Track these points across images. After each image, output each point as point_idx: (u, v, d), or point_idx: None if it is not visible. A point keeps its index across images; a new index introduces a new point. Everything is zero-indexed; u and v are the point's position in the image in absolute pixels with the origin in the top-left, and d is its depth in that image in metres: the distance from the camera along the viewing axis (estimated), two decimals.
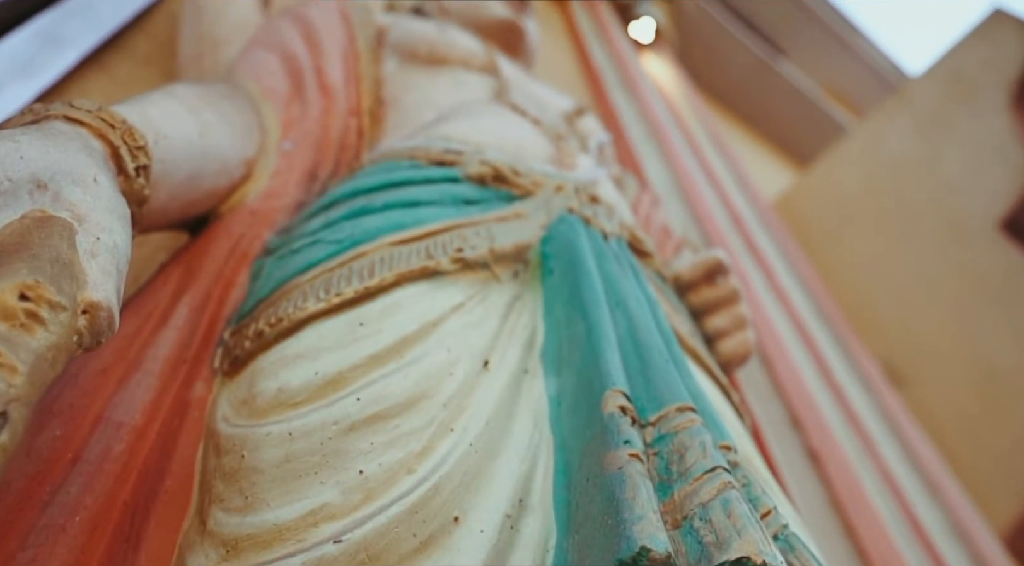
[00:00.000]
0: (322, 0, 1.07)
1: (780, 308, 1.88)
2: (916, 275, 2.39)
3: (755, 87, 4.00)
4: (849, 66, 4.38)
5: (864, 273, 2.56)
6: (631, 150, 2.16)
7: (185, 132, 0.64)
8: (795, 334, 1.82)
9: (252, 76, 0.87)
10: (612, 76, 2.56)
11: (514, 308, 0.64)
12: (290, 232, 0.71)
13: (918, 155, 2.42)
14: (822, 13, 4.10)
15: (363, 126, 0.94)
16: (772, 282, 1.96)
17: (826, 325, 2.03)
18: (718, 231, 1.98)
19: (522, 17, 1.32)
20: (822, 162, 2.88)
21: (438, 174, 0.73)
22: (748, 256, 2.02)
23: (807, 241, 2.75)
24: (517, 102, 0.95)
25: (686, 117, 2.67)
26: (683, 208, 2.03)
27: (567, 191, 0.77)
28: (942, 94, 2.38)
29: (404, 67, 1.02)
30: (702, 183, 2.22)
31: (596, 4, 2.95)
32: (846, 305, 2.50)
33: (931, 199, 2.35)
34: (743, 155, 3.27)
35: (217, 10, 1.01)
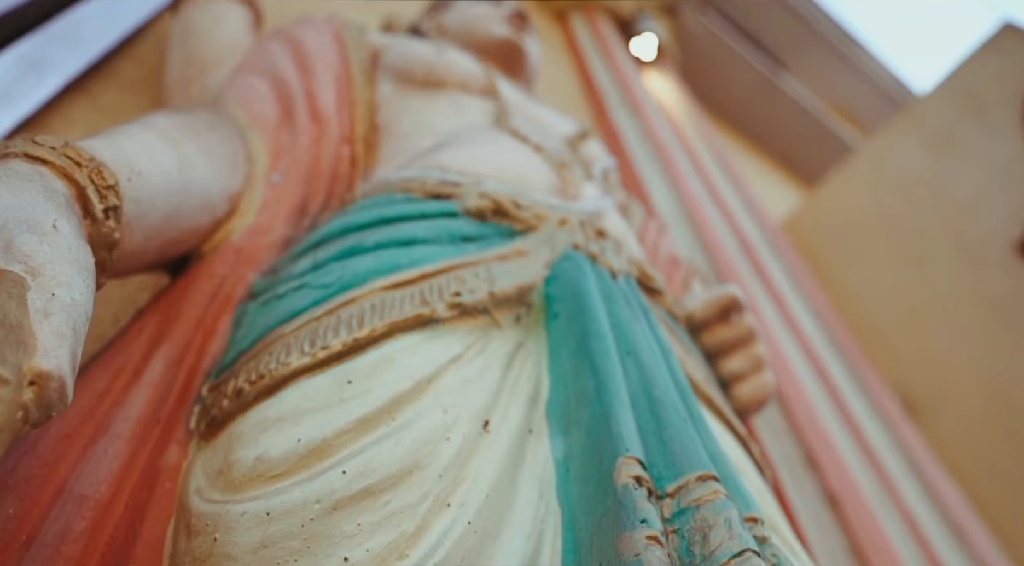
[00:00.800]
0: (315, 20, 1.04)
1: (792, 338, 1.83)
2: (930, 300, 2.34)
3: (758, 104, 3.98)
4: (852, 82, 4.37)
5: (875, 298, 2.51)
6: (635, 173, 2.12)
7: (163, 167, 0.60)
8: (809, 366, 1.78)
9: (240, 102, 0.84)
10: (614, 95, 2.53)
11: (516, 358, 0.59)
12: (276, 273, 0.67)
13: (929, 175, 2.38)
14: (825, 28, 4.09)
15: (356, 154, 0.90)
16: (783, 311, 1.92)
17: (840, 356, 1.98)
18: (727, 258, 1.94)
19: (522, 36, 1.29)
20: (829, 182, 2.84)
21: (434, 208, 0.69)
22: (758, 284, 1.97)
23: (815, 264, 2.71)
24: (518, 127, 0.92)
25: (690, 137, 2.64)
26: (690, 234, 1.99)
27: (572, 225, 0.73)
28: (952, 111, 2.34)
29: (400, 91, 0.98)
30: (709, 207, 2.18)
31: (597, 20, 2.94)
32: (858, 332, 2.45)
33: (943, 221, 2.31)
34: (748, 174, 3.24)
35: (206, 32, 0.98)
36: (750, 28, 3.96)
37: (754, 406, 0.82)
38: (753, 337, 0.84)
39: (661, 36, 3.02)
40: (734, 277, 1.89)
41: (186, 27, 0.99)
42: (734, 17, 3.80)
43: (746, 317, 0.85)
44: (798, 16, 3.98)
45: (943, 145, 2.37)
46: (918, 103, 2.51)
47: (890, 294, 2.51)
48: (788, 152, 4.22)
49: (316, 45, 0.96)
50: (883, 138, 2.61)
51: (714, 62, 3.72)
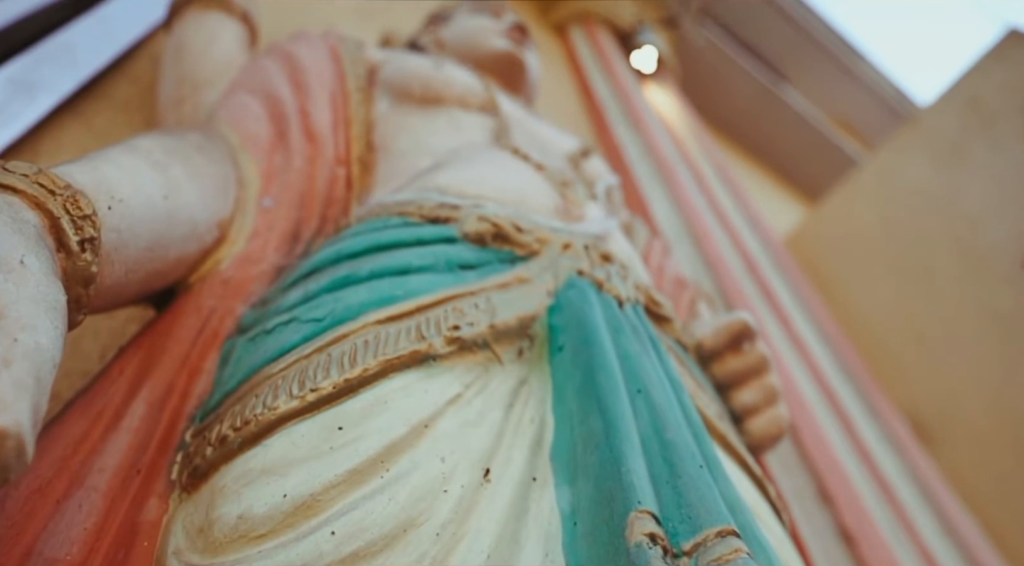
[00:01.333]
0: (311, 36, 1.01)
1: (801, 362, 1.80)
2: (937, 317, 2.30)
3: (758, 116, 3.95)
4: (853, 93, 4.35)
5: (881, 314, 2.46)
6: (637, 189, 2.09)
7: (147, 193, 0.57)
8: (818, 392, 1.74)
9: (232, 122, 0.81)
10: (615, 109, 2.51)
11: (519, 396, 0.56)
12: (266, 305, 0.63)
13: (935, 188, 2.34)
14: (825, 39, 4.07)
15: (352, 176, 0.87)
16: (791, 333, 1.88)
17: (850, 380, 1.94)
18: (731, 278, 1.91)
19: (522, 50, 1.26)
20: (833, 196, 2.80)
21: (431, 234, 0.66)
22: (764, 305, 1.94)
23: (820, 280, 2.66)
24: (518, 145, 0.89)
25: (692, 151, 2.61)
26: (693, 252, 1.95)
27: (576, 249, 0.69)
28: (958, 122, 2.30)
29: (397, 108, 0.95)
30: (712, 224, 2.14)
31: (596, 34, 2.92)
32: (864, 350, 2.40)
33: (950, 235, 2.27)
34: (749, 188, 3.21)
35: (199, 50, 0.95)
36: (750, 40, 3.94)
37: (768, 441, 0.78)
38: (766, 366, 0.80)
39: (661, 49, 3.00)
40: (739, 297, 1.85)
41: (179, 45, 0.96)
42: (734, 29, 3.79)
43: (758, 345, 0.81)
44: (798, 27, 3.97)
45: (949, 157, 2.33)
46: (922, 114, 2.47)
47: (896, 310, 2.46)
48: (789, 164, 4.19)
49: (311, 61, 0.93)
50: (887, 151, 2.57)
51: (714, 74, 3.71)
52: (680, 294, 1.19)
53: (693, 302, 1.21)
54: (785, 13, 3.85)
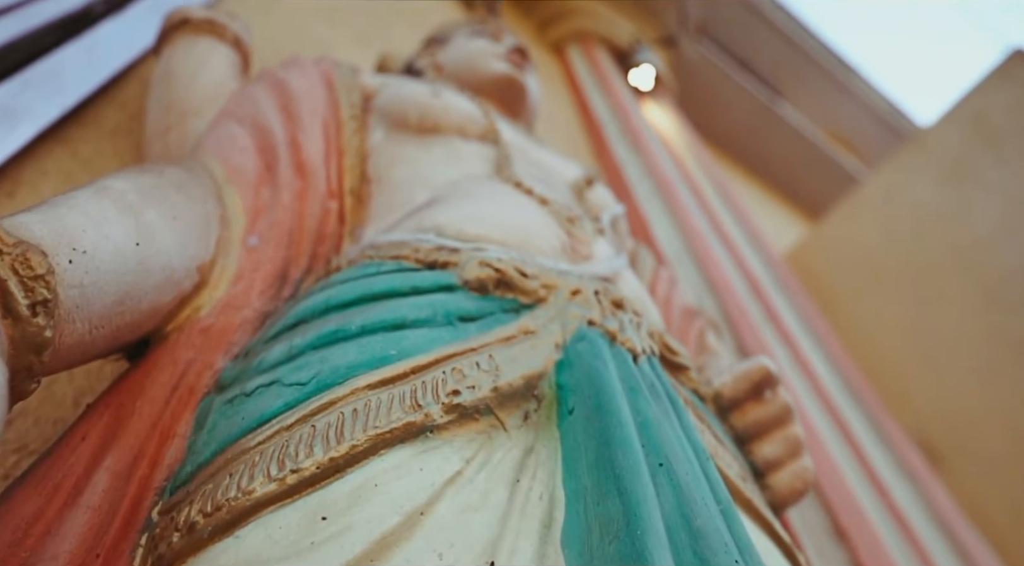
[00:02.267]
0: (303, 62, 0.95)
1: (808, 387, 1.73)
2: (947, 338, 2.23)
3: (756, 132, 3.91)
4: (847, 108, 4.31)
5: (887, 334, 2.40)
6: (638, 209, 2.04)
7: (115, 242, 0.51)
8: (829, 421, 1.67)
9: (218, 154, 0.75)
10: (614, 128, 2.46)
11: (526, 468, 0.49)
12: (248, 359, 0.57)
13: (941, 207, 2.28)
14: (820, 56, 4.03)
15: (345, 209, 0.81)
16: (797, 356, 1.82)
17: (859, 407, 1.87)
18: (736, 301, 1.85)
19: (523, 73, 1.21)
20: (835, 213, 2.75)
21: (429, 282, 0.60)
22: (769, 326, 1.88)
23: (821, 296, 2.60)
24: (521, 178, 0.83)
25: (692, 169, 2.56)
26: (697, 274, 1.89)
27: (586, 296, 0.63)
28: (963, 141, 2.25)
29: (393, 137, 0.89)
30: (715, 245, 2.09)
31: (594, 53, 2.87)
32: (870, 370, 2.33)
33: (959, 256, 2.21)
34: (747, 203, 3.15)
35: (188, 77, 0.89)
36: (745, 57, 3.90)
37: (793, 497, 0.72)
38: (789, 416, 0.74)
39: (658, 67, 2.96)
40: (744, 321, 1.79)
41: (167, 72, 0.91)
42: (729, 46, 3.75)
43: (780, 393, 0.75)
44: (793, 44, 3.93)
45: (955, 177, 2.28)
46: (926, 133, 2.42)
47: (904, 331, 2.39)
48: (785, 179, 4.15)
49: (303, 89, 0.87)
50: (890, 169, 2.52)
51: (710, 91, 3.66)
52: (689, 326, 1.13)
53: (702, 333, 1.15)
54: (779, 30, 3.81)
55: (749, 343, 1.73)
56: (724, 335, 1.64)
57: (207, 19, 0.96)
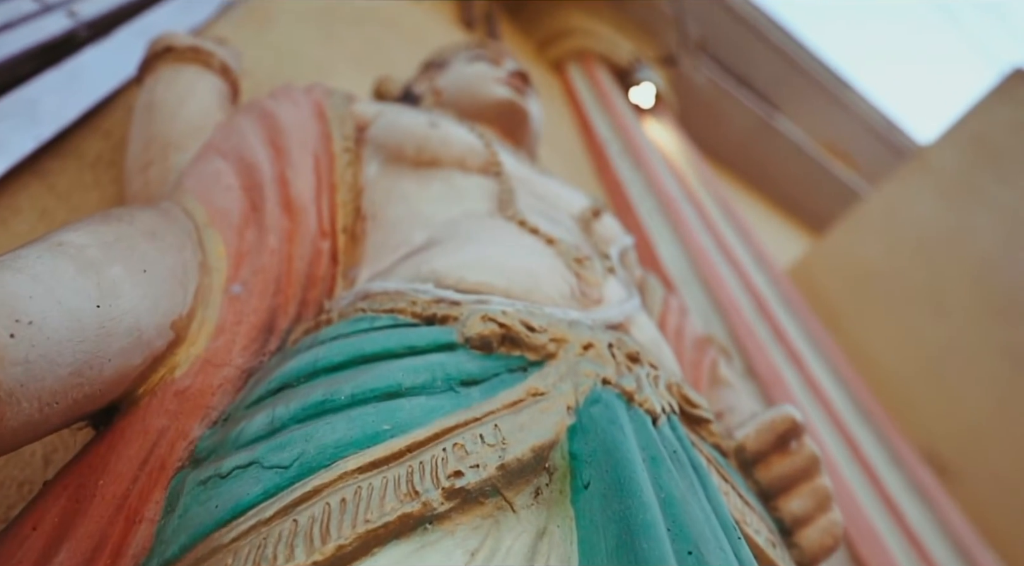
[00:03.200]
0: (293, 91, 0.89)
1: (821, 412, 1.67)
2: (952, 355, 2.18)
3: (754, 147, 3.87)
4: (844, 122, 4.27)
5: (892, 352, 2.34)
6: (642, 228, 1.98)
7: (71, 307, 0.45)
8: (841, 443, 1.61)
9: (199, 193, 0.69)
10: (616, 146, 2.41)
11: (538, 555, 0.43)
12: (227, 428, 0.51)
13: (945, 224, 2.23)
14: (815, 70, 4.00)
15: (337, 249, 0.75)
16: (808, 379, 1.76)
17: (871, 428, 1.81)
18: (744, 322, 1.79)
19: (524, 98, 1.15)
20: (837, 229, 2.70)
21: (426, 340, 0.54)
22: (778, 348, 1.81)
23: (824, 314, 2.55)
24: (526, 215, 0.77)
25: (694, 186, 2.51)
26: (702, 295, 1.83)
27: (599, 350, 0.57)
28: (965, 158, 2.21)
29: (388, 171, 0.83)
30: (720, 264, 2.03)
31: (594, 71, 2.83)
32: (875, 388, 2.28)
33: (964, 272, 2.16)
34: (749, 218, 3.10)
35: (171, 108, 0.83)
36: (744, 73, 3.87)
37: (823, 554, 0.65)
38: (817, 467, 0.68)
39: (659, 84, 2.91)
40: (753, 343, 1.73)
41: (149, 103, 0.85)
42: (728, 63, 3.71)
43: (806, 443, 0.68)
44: (790, 60, 3.90)
45: (957, 193, 2.23)
46: (927, 150, 2.38)
47: (908, 346, 2.34)
48: (785, 194, 4.10)
49: (292, 120, 0.81)
50: (892, 185, 2.47)
51: (710, 107, 3.62)
52: (701, 357, 1.07)
53: (714, 365, 1.09)
54: (776, 46, 3.78)
55: (758, 365, 1.67)
56: (734, 360, 1.58)
57: (192, 46, 0.91)
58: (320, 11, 1.78)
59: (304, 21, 1.68)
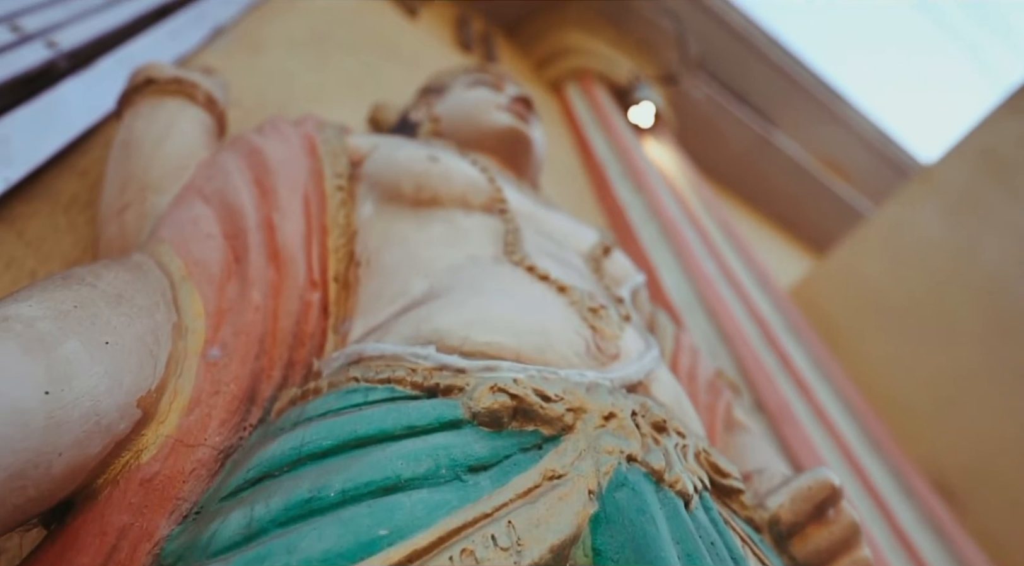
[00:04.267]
0: (282, 125, 0.83)
1: (833, 445, 1.60)
2: (959, 376, 2.11)
3: (753, 164, 3.82)
4: (842, 138, 4.23)
5: (897, 373, 2.28)
6: (644, 253, 1.91)
7: (12, 398, 0.38)
8: (853, 478, 1.54)
9: (177, 243, 0.62)
10: (615, 168, 2.35)
11: None
12: (198, 528, 0.43)
13: (951, 242, 2.17)
14: (812, 86, 3.96)
15: (328, 299, 0.68)
16: (817, 411, 1.69)
17: (884, 463, 1.74)
18: (750, 350, 1.72)
19: (528, 125, 1.09)
20: (840, 248, 2.64)
21: (429, 417, 0.47)
22: (786, 378, 1.74)
23: (826, 334, 2.49)
24: (535, 260, 0.70)
25: (696, 208, 2.45)
26: (707, 323, 1.77)
27: (621, 420, 0.50)
28: (973, 175, 2.15)
29: (384, 211, 0.77)
30: (724, 290, 1.96)
31: (593, 90, 2.78)
32: (880, 411, 2.21)
33: (971, 291, 2.09)
34: (750, 237, 3.04)
35: (150, 145, 0.77)
36: (742, 90, 3.83)
37: None
38: (857, 538, 0.61)
39: (658, 103, 2.86)
40: (760, 372, 1.66)
41: (126, 140, 0.78)
42: (726, 80, 3.67)
43: (845, 510, 0.61)
44: (788, 77, 3.86)
45: (963, 211, 2.17)
46: (932, 167, 2.32)
47: (913, 367, 2.27)
48: (784, 211, 4.05)
49: (281, 157, 0.75)
50: (896, 203, 2.42)
51: (708, 125, 3.58)
52: (716, 401, 1.00)
53: (729, 408, 1.02)
54: (773, 63, 3.74)
55: (767, 399, 1.60)
56: (743, 395, 1.51)
57: (175, 78, 0.84)
58: (314, 35, 1.73)
59: (297, 46, 1.62)
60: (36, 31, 1.03)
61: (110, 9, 1.22)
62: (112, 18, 1.19)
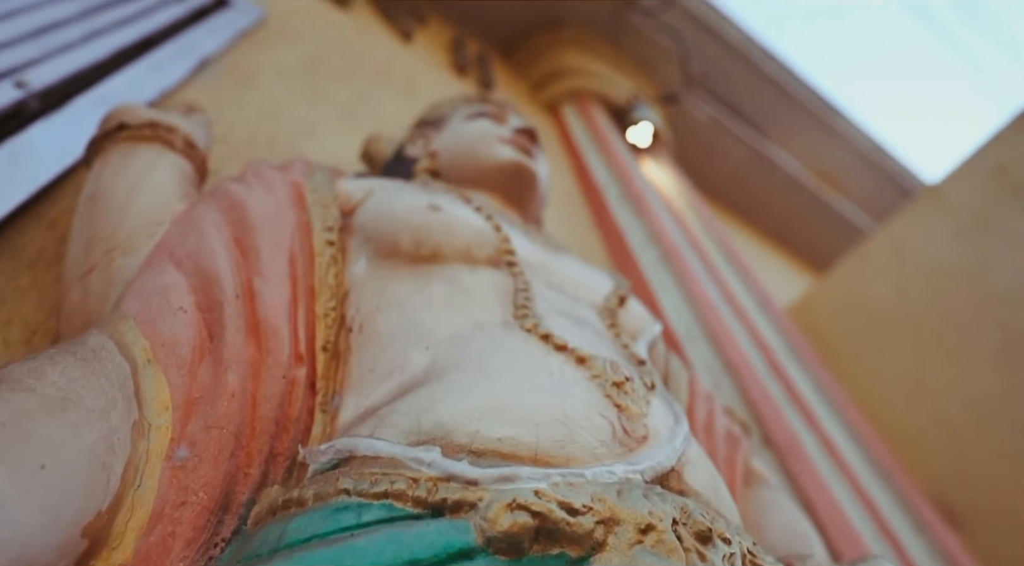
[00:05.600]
0: (265, 173, 0.74)
1: (842, 480, 1.52)
2: (967, 399, 2.04)
3: (751, 181, 3.76)
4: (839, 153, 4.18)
5: (902, 394, 2.20)
6: (644, 280, 1.83)
7: None
8: (862, 511, 1.45)
9: (143, 318, 0.53)
10: (614, 191, 2.27)
11: None
12: None
13: (961, 261, 2.10)
14: (808, 99, 3.91)
15: (316, 374, 0.60)
16: (825, 443, 1.60)
17: (892, 492, 1.66)
18: (756, 381, 1.64)
19: (532, 160, 1.02)
20: (842, 267, 2.56)
21: (435, 546, 0.38)
22: (792, 409, 1.66)
23: (826, 355, 2.41)
24: (549, 325, 0.61)
25: (696, 232, 2.37)
26: (710, 352, 1.68)
27: (660, 534, 0.42)
28: (985, 193, 2.08)
29: (379, 268, 0.68)
30: (727, 316, 1.88)
31: (591, 111, 2.71)
32: (882, 433, 2.14)
33: (981, 312, 2.02)
34: (748, 254, 2.97)
35: (120, 199, 0.68)
36: (739, 106, 3.77)
37: None
38: None
39: (656, 123, 2.78)
40: (766, 404, 1.58)
41: (94, 193, 0.70)
42: (725, 97, 3.61)
43: None
44: (784, 92, 3.81)
45: (974, 229, 2.10)
46: (941, 184, 2.25)
47: (919, 390, 2.19)
48: (781, 228, 3.99)
49: (264, 212, 0.66)
50: (902, 221, 2.35)
51: (706, 143, 3.52)
52: (734, 455, 0.92)
53: (747, 460, 0.95)
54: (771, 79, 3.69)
55: (774, 432, 1.52)
56: (752, 433, 1.43)
57: (149, 121, 0.76)
58: (305, 63, 1.65)
59: (288, 75, 1.54)
60: (5, 70, 0.95)
61: (88, 44, 1.14)
62: (89, 53, 1.11)
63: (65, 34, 1.11)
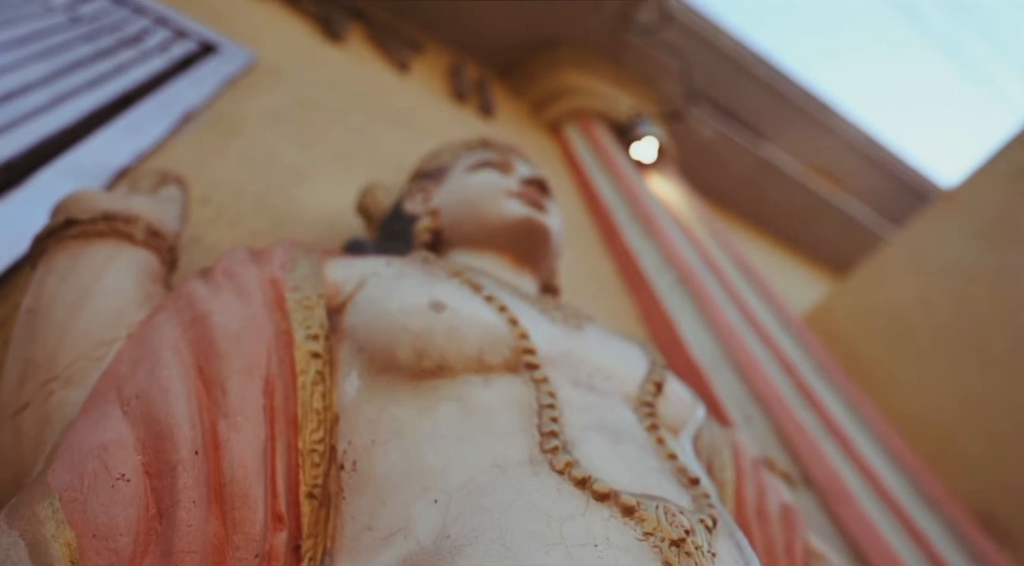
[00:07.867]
0: (237, 269, 0.61)
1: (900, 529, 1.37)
2: (1003, 404, 1.89)
3: (756, 187, 3.61)
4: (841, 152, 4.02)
5: (934, 403, 2.05)
6: (661, 307, 1.70)
7: None
8: (919, 555, 1.31)
9: (71, 499, 0.40)
10: (623, 213, 2.13)
11: None
12: None
13: (983, 266, 1.96)
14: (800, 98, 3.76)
15: (302, 532, 0.46)
16: (871, 481, 1.46)
17: (943, 524, 1.51)
18: (789, 414, 1.49)
19: (544, 214, 0.88)
20: (860, 272, 2.42)
21: None
22: (830, 442, 1.52)
23: (846, 362, 2.27)
24: (583, 455, 0.48)
25: (710, 249, 2.23)
26: (736, 381, 1.54)
27: None
28: (1005, 196, 1.94)
29: (375, 386, 0.55)
30: (752, 341, 1.74)
31: (593, 129, 2.57)
32: (915, 442, 1.99)
33: (1007, 317, 1.88)
34: (759, 262, 2.82)
35: (62, 315, 0.55)
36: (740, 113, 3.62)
37: None
38: None
39: (660, 137, 2.64)
40: (802, 441, 1.43)
41: (33, 307, 0.56)
42: (726, 106, 3.47)
43: None
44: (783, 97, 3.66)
45: (996, 233, 1.96)
46: (959, 188, 2.11)
47: (950, 398, 2.05)
48: (791, 232, 3.84)
49: (234, 328, 0.53)
50: (921, 225, 2.21)
51: (710, 152, 3.37)
52: (792, 539, 0.78)
53: (805, 542, 0.81)
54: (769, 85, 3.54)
55: (814, 470, 1.38)
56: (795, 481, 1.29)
57: (103, 213, 0.63)
58: (297, 105, 1.52)
59: (278, 120, 1.41)
60: None
61: (59, 107, 1.01)
62: (59, 117, 0.99)
63: (30, 99, 0.98)
